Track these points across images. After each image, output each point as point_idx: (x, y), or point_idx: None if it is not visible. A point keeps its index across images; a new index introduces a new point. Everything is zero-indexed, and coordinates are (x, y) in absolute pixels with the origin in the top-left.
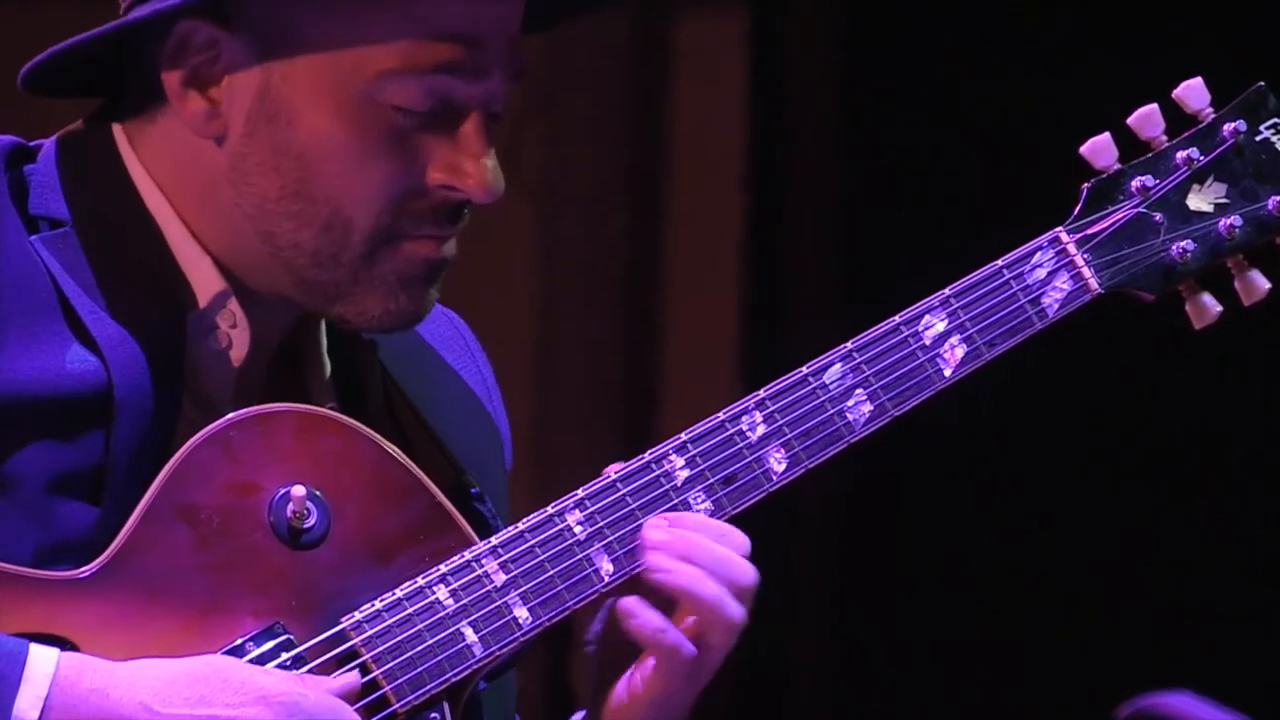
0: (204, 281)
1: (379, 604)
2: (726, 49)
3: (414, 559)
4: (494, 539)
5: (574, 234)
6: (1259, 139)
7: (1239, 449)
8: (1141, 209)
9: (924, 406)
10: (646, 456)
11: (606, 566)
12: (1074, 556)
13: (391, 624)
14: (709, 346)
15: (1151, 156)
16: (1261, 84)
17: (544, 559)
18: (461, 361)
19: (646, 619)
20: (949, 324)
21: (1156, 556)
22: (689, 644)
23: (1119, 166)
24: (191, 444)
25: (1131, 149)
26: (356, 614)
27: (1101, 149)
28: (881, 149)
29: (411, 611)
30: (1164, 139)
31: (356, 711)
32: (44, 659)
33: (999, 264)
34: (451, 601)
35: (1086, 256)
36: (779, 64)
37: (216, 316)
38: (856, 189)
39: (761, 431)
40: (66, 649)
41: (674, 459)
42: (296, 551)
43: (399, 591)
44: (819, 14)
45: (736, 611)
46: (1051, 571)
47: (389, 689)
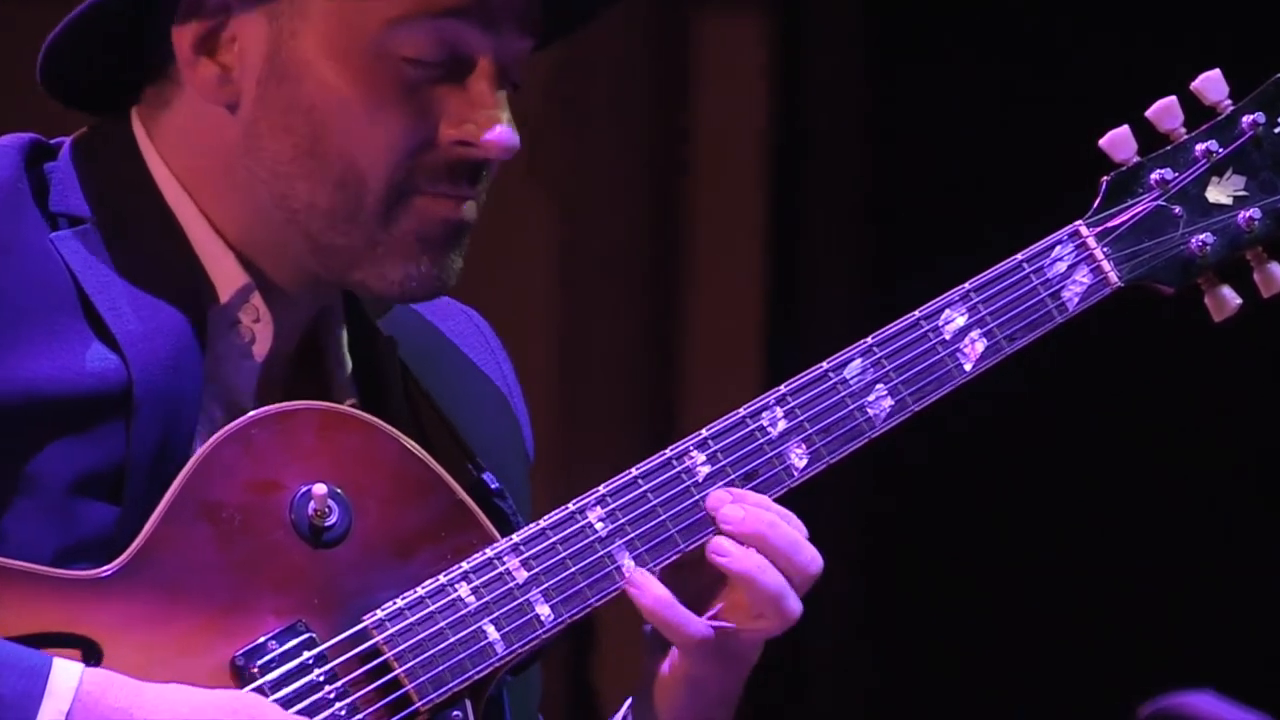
0: (227, 276)
1: (400, 602)
2: (748, 45)
3: (435, 556)
4: (515, 536)
5: (596, 230)
6: (1278, 131)
7: (1269, 445)
8: (1161, 202)
9: (944, 401)
10: (667, 453)
11: (628, 563)
12: (1099, 554)
13: (413, 622)
14: (731, 342)
15: (1170, 149)
16: None
17: (565, 556)
18: (482, 358)
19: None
20: (969, 318)
21: (1184, 556)
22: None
23: (1138, 159)
24: (213, 442)
25: (1150, 141)
26: (378, 612)
27: (1120, 142)
28: (902, 144)
29: (433, 609)
30: (1183, 131)
31: (378, 710)
32: (68, 673)
33: (1019, 258)
34: (473, 599)
35: (1106, 250)
36: (800, 59)
37: (239, 311)
38: (877, 184)
39: (782, 427)
40: (88, 648)
41: (695, 455)
42: (318, 549)
43: (420, 589)
44: (840, 9)
45: (794, 607)
46: (1076, 569)
47: (411, 687)
